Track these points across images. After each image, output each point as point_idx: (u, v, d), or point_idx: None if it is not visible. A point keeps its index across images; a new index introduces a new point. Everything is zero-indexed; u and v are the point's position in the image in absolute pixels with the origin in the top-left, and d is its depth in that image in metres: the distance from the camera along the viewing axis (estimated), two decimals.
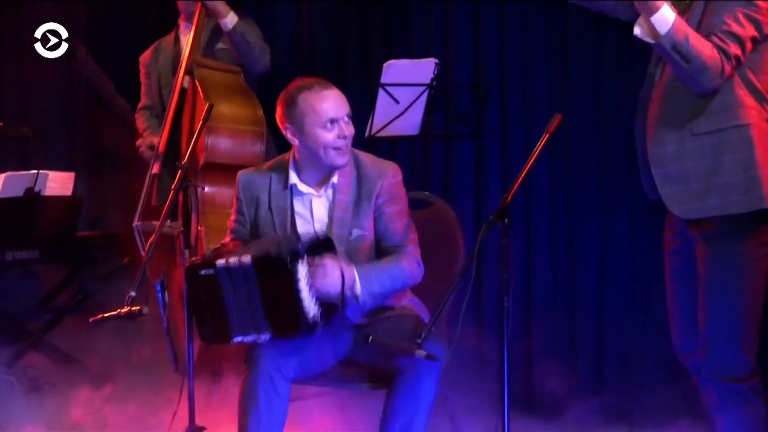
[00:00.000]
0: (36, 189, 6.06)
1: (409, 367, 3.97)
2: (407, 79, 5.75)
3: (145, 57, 6.16)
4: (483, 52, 6.28)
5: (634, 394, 5.73)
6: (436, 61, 5.82)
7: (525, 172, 3.81)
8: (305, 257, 3.97)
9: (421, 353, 3.71)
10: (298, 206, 4.32)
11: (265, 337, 4.03)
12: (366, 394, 4.31)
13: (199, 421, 4.31)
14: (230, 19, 5.78)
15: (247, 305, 4.02)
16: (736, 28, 3.81)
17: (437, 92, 5.85)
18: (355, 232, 4.24)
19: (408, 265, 4.21)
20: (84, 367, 6.09)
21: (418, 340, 3.71)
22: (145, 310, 4.27)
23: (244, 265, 3.99)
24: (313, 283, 3.96)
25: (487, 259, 5.89)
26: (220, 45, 5.92)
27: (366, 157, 4.36)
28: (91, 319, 4.42)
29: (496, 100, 6.20)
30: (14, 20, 7.62)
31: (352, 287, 4.07)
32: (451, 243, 4.48)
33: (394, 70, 5.79)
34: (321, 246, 4.06)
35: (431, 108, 5.86)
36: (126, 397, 5.56)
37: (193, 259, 4.24)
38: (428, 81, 5.76)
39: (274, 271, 3.95)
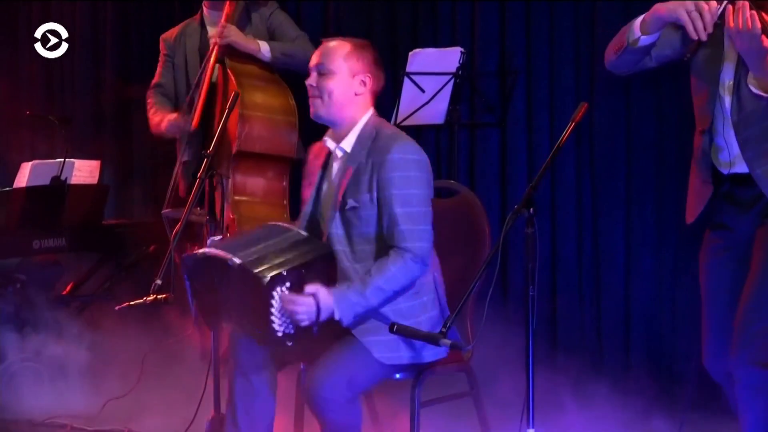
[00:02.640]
0: (62, 177, 6.08)
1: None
2: (433, 68, 5.75)
3: (168, 37, 6.06)
4: (509, 40, 6.27)
5: (660, 384, 5.72)
6: (462, 50, 5.81)
7: (550, 161, 3.80)
8: (287, 283, 3.92)
9: (446, 342, 3.69)
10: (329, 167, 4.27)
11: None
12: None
13: (224, 410, 4.31)
14: (264, 50, 5.74)
15: (232, 298, 4.03)
16: None
17: (463, 81, 5.84)
18: (351, 202, 4.08)
19: (397, 270, 3.98)
20: (110, 355, 6.11)
21: (443, 329, 3.70)
22: (171, 298, 4.29)
23: (234, 265, 3.95)
24: (285, 312, 3.93)
25: (512, 248, 5.90)
26: (247, 33, 5.85)
27: (387, 129, 4.21)
28: (117, 307, 4.44)
29: (522, 89, 6.19)
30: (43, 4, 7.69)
31: (331, 314, 3.95)
32: (477, 232, 4.45)
33: (420, 58, 5.78)
34: (311, 270, 4.03)
35: (457, 97, 5.85)
36: (152, 386, 5.58)
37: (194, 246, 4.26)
38: (454, 70, 5.75)
39: (254, 287, 3.91)
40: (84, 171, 6.25)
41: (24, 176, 6.16)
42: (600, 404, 5.35)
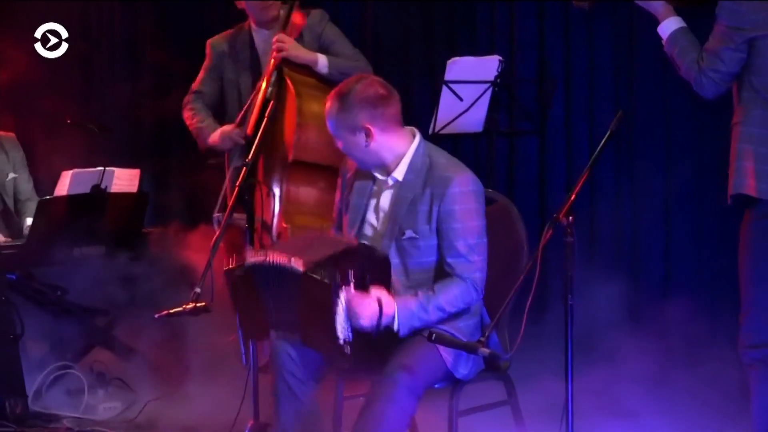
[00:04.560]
0: (102, 186, 6.11)
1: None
2: (471, 76, 5.74)
3: (216, 43, 5.92)
4: (547, 48, 6.27)
5: (699, 391, 5.69)
6: (500, 58, 5.80)
7: (589, 169, 3.79)
8: (351, 284, 3.95)
9: (484, 351, 3.69)
10: (376, 194, 4.26)
11: (297, 337, 4.06)
12: None
13: (263, 418, 4.32)
14: (321, 63, 5.62)
15: (286, 306, 4.02)
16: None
17: (501, 89, 5.83)
18: (408, 233, 4.10)
19: (460, 293, 4.04)
20: (151, 362, 6.14)
21: (482, 338, 3.70)
22: (210, 306, 4.30)
23: (294, 271, 3.95)
24: (348, 316, 3.94)
25: (550, 256, 5.87)
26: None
27: (441, 157, 4.18)
28: (156, 315, 4.45)
29: (561, 97, 6.18)
30: (82, 13, 7.74)
31: (391, 323, 3.97)
32: (514, 240, 4.44)
33: (458, 67, 5.78)
34: (373, 272, 4.05)
35: (495, 105, 5.84)
36: (193, 391, 5.60)
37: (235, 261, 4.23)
38: (492, 78, 5.74)
39: (318, 290, 3.92)
40: (124, 179, 6.28)
41: (64, 185, 6.20)
42: (640, 413, 5.33)
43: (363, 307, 3.91)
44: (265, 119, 4.67)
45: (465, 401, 4.13)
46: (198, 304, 4.30)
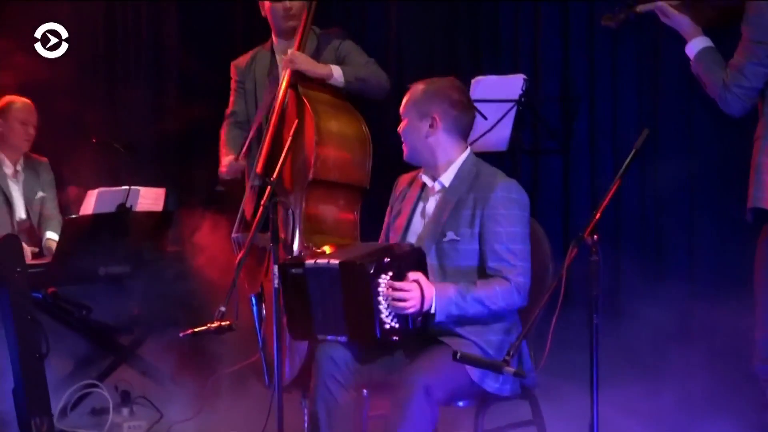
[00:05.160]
0: (128, 205, 6.13)
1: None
2: (495, 95, 5.74)
3: (239, 63, 6.02)
4: (571, 66, 6.26)
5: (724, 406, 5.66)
6: (525, 77, 5.79)
7: (614, 188, 3.79)
8: (389, 272, 3.99)
9: (509, 370, 3.68)
10: (423, 200, 4.36)
11: (342, 338, 4.13)
12: None
13: None
14: (337, 75, 5.64)
15: (331, 306, 4.10)
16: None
17: (525, 108, 5.83)
18: (450, 235, 4.18)
19: (501, 291, 4.09)
20: (175, 380, 6.15)
21: (507, 357, 3.69)
22: (235, 325, 4.31)
23: (332, 267, 4.06)
24: (391, 302, 3.97)
25: (575, 274, 5.85)
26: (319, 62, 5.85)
27: (488, 168, 4.35)
28: (181, 334, 4.46)
29: (585, 115, 6.17)
30: (108, 32, 7.77)
31: (429, 306, 4.04)
32: (539, 259, 4.44)
33: (482, 86, 5.78)
34: (410, 261, 4.07)
35: (519, 123, 5.83)
36: (217, 411, 5.60)
37: (287, 257, 4.32)
38: (516, 97, 5.74)
39: (357, 278, 4.01)
40: (149, 198, 6.31)
41: (90, 204, 6.24)
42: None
43: (404, 290, 3.98)
44: (289, 137, 4.66)
45: (490, 420, 4.12)
46: (223, 323, 4.30)
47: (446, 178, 4.28)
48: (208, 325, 4.33)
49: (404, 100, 4.36)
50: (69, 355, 6.06)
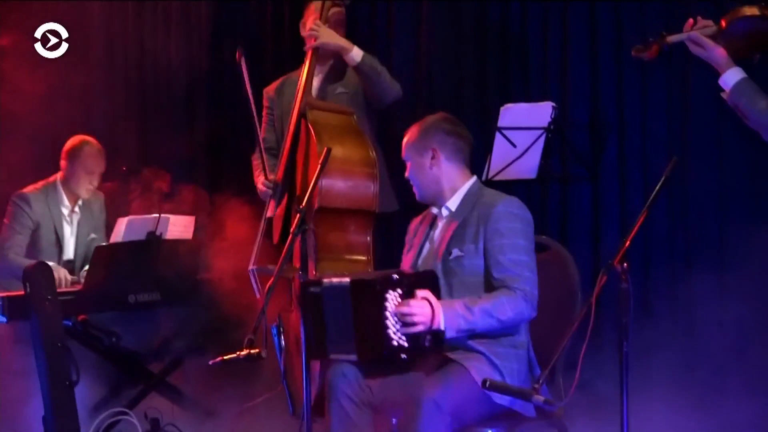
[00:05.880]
0: (158, 233, 6.15)
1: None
2: (524, 123, 5.74)
3: (269, 90, 6.06)
4: (601, 94, 6.26)
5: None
6: (554, 104, 5.80)
7: (644, 216, 3.78)
8: (399, 289, 4.03)
9: (539, 398, 3.67)
10: (433, 228, 4.43)
11: (352, 357, 4.18)
12: None
13: None
14: (356, 53, 5.71)
15: (342, 323, 4.16)
16: None
17: (554, 135, 5.83)
18: (455, 252, 4.23)
19: (507, 300, 4.10)
20: (203, 409, 6.15)
21: (536, 386, 3.68)
22: (264, 353, 4.31)
23: (343, 284, 4.16)
24: (399, 318, 4.00)
25: (604, 301, 5.84)
26: (340, 89, 5.84)
27: (492, 191, 4.42)
28: (210, 362, 4.45)
29: (614, 143, 6.17)
30: (139, 58, 7.81)
31: (438, 324, 4.05)
32: (568, 287, 4.44)
33: (511, 113, 5.79)
34: (420, 281, 4.09)
35: (548, 151, 5.84)
36: None
37: (308, 277, 4.37)
38: (546, 124, 5.74)
39: (366, 294, 4.08)
40: (179, 226, 6.32)
41: (120, 231, 6.25)
42: None
43: (412, 307, 4.02)
44: (320, 166, 4.66)
45: None
46: (252, 351, 4.29)
47: (452, 203, 4.37)
48: (238, 353, 4.32)
49: (403, 146, 4.44)
50: (99, 383, 6.06)
